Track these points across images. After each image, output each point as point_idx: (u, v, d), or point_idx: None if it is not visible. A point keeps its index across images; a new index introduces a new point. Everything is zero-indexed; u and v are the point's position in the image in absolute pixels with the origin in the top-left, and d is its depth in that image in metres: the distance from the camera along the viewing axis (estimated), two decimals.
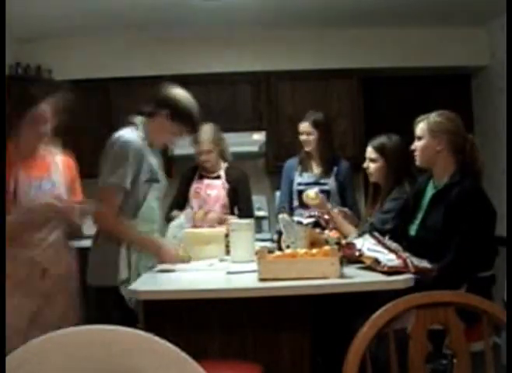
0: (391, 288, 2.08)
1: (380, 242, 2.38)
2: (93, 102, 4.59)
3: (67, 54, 4.70)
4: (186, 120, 2.68)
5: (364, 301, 2.10)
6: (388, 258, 2.24)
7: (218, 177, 3.66)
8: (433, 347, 1.34)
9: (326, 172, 3.69)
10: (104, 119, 4.42)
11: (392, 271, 2.17)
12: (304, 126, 3.71)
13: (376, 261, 2.23)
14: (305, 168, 3.74)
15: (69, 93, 2.26)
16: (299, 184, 3.71)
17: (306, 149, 3.71)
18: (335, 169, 3.71)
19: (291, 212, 3.48)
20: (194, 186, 3.69)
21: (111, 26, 4.48)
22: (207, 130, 3.57)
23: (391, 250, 2.30)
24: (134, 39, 4.73)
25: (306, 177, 3.72)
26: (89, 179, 2.59)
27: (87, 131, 4.40)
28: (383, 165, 3.07)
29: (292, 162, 3.84)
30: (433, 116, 2.54)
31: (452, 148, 2.50)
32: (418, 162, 2.62)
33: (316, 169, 3.73)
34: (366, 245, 2.37)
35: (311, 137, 3.68)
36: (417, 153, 2.60)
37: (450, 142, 2.49)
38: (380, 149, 3.07)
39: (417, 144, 2.58)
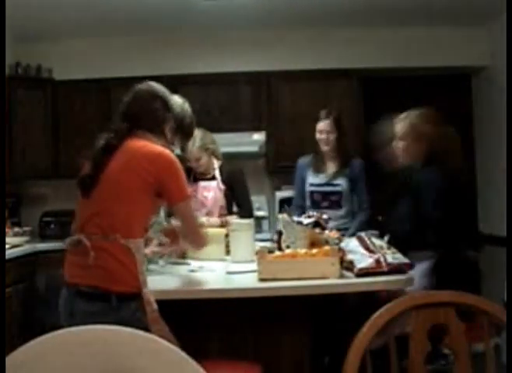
0: (391, 288, 2.08)
1: (362, 242, 2.34)
2: (93, 102, 4.60)
3: (67, 54, 4.71)
4: (177, 129, 2.61)
5: (364, 301, 2.10)
6: (361, 259, 2.21)
7: (213, 178, 3.59)
8: (432, 347, 1.33)
9: (340, 173, 3.57)
10: (104, 119, 4.41)
11: (362, 273, 2.14)
12: (325, 124, 3.56)
13: (352, 263, 2.22)
14: (319, 169, 3.61)
15: None
16: (312, 185, 3.61)
17: (324, 148, 3.58)
18: (348, 169, 3.58)
19: (303, 212, 3.28)
20: (190, 188, 3.62)
21: (111, 26, 4.49)
22: (195, 138, 3.42)
23: (369, 250, 2.26)
24: (134, 39, 4.73)
25: (319, 178, 3.60)
26: None
27: (87, 131, 4.39)
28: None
29: (304, 160, 3.71)
30: None
31: None
32: None
33: (330, 170, 3.60)
34: (350, 246, 2.34)
35: (332, 136, 3.56)
36: None
37: None
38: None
39: None
